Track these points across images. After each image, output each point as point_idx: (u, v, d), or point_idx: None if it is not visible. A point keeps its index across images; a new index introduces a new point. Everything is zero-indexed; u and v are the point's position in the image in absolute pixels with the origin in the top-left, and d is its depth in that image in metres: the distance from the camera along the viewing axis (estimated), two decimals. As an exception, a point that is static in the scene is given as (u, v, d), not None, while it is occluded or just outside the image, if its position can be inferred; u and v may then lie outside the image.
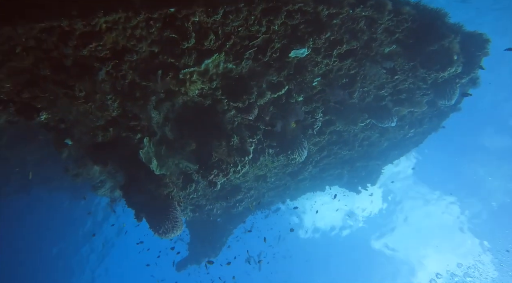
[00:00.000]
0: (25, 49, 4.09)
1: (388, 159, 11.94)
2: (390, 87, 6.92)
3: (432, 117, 9.27)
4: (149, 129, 5.62)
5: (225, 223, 14.70)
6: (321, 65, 5.67)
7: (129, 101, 5.15)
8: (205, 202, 11.17)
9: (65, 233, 21.59)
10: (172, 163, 6.16)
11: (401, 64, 6.14)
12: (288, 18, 4.58)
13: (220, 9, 4.12)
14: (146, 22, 4.15)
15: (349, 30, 5.19)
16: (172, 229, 6.14)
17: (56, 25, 3.80)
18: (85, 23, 3.87)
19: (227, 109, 5.91)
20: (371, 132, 9.16)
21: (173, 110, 5.59)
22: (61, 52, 4.19)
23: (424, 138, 10.85)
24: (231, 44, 4.77)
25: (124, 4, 3.91)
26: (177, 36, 4.31)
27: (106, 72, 4.58)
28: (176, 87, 5.13)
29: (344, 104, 7.01)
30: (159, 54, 4.61)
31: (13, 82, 4.46)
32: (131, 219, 6.77)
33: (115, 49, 4.39)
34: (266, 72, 5.42)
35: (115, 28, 4.09)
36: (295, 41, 4.94)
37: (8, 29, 3.68)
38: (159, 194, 6.18)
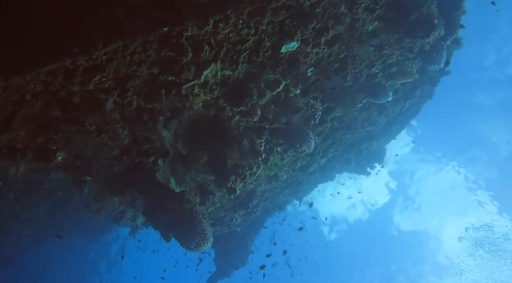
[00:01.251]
0: (34, 95, 4.24)
1: (390, 135, 12.17)
2: (380, 63, 7.13)
3: (424, 85, 9.50)
4: (162, 149, 5.76)
5: (246, 231, 14.79)
6: (311, 55, 5.87)
7: (139, 126, 5.30)
8: (223, 213, 11.27)
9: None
10: (189, 178, 6.30)
11: (387, 38, 6.36)
12: (274, 15, 4.77)
13: (210, 20, 4.30)
14: (143, 46, 4.32)
15: (332, 16, 5.40)
16: (203, 242, 6.26)
17: (60, 65, 3.96)
18: (87, 58, 4.03)
19: (232, 116, 6.08)
20: (369, 112, 9.36)
21: (181, 127, 5.75)
22: (68, 91, 4.35)
23: (420, 108, 11.08)
24: (225, 52, 4.95)
25: (120, 32, 4.08)
26: (174, 53, 4.48)
27: (113, 102, 4.73)
28: (180, 103, 5.30)
29: (340, 89, 7.21)
30: (159, 74, 4.77)
31: (26, 129, 4.60)
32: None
33: (118, 78, 4.54)
34: (262, 72, 5.61)
35: (115, 57, 4.26)
36: (284, 37, 5.14)
37: (18, 78, 3.83)
38: (183, 210, 6.30)
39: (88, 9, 4.22)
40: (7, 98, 4.10)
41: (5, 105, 4.20)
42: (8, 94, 4.03)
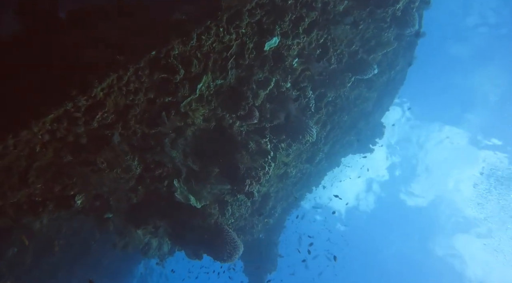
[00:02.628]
0: (43, 146, 4.33)
1: (383, 107, 12.36)
2: (358, 39, 7.33)
3: (404, 52, 9.72)
4: (175, 170, 5.85)
5: (268, 236, 14.79)
6: (293, 47, 6.03)
7: (148, 153, 5.40)
8: (243, 222, 11.32)
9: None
10: (206, 193, 6.38)
11: (359, 14, 6.56)
12: (250, 17, 4.93)
13: (193, 34, 4.44)
14: (136, 74, 4.44)
15: (303, 4, 5.58)
16: (235, 250, 6.33)
17: (63, 110, 4.07)
18: (86, 97, 4.15)
19: (232, 122, 6.20)
20: (359, 89, 9.54)
21: (187, 144, 5.85)
22: (74, 133, 4.45)
23: (405, 75, 11.30)
24: (212, 62, 5.09)
25: (111, 65, 4.21)
26: (166, 74, 4.61)
27: (119, 135, 4.84)
28: (182, 121, 5.42)
29: (327, 73, 7.38)
30: (156, 98, 4.89)
31: (42, 180, 4.68)
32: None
33: (118, 110, 4.66)
34: (251, 73, 5.75)
35: (112, 91, 4.37)
36: (264, 34, 5.30)
37: (26, 132, 3.93)
38: (208, 224, 6.38)
39: (75, 52, 4.36)
40: (19, 154, 4.20)
41: (18, 162, 4.29)
42: (19, 151, 4.13)
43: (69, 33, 4.75)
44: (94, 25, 4.94)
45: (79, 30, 4.84)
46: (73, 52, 4.50)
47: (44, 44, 4.72)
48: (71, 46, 4.54)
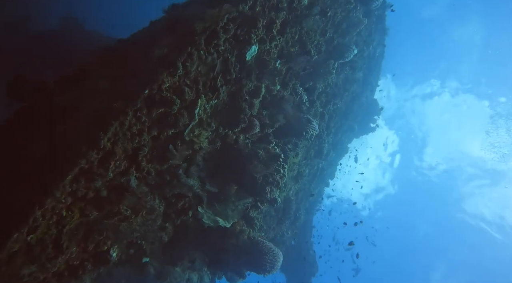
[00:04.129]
0: (68, 209, 4.42)
1: (372, 85, 12.55)
2: (330, 26, 7.53)
3: (376, 26, 9.95)
4: (196, 198, 5.92)
5: (300, 240, 14.73)
6: (273, 50, 6.20)
7: (166, 188, 5.48)
8: (273, 233, 11.30)
9: None
10: (230, 211, 6.44)
11: (324, 2, 6.77)
12: (225, 33, 5.10)
13: (178, 63, 4.60)
14: (135, 117, 4.57)
15: (270, 8, 5.77)
16: (275, 259, 6.35)
17: (78, 169, 4.17)
18: (96, 151, 4.26)
19: (236, 137, 6.31)
20: (344, 73, 9.72)
21: (201, 170, 5.94)
22: (93, 189, 4.54)
23: (384, 48, 11.51)
24: (202, 85, 5.23)
25: (110, 115, 4.34)
26: (163, 108, 4.74)
27: (135, 178, 4.93)
28: (189, 149, 5.52)
29: (311, 66, 7.54)
30: (160, 133, 5.01)
31: (76, 243, 4.74)
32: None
33: (128, 155, 4.76)
34: (241, 86, 5.90)
35: (118, 138, 4.49)
36: (243, 46, 5.46)
37: (50, 199, 4.02)
38: (242, 241, 6.41)
39: (73, 110, 4.51)
40: (48, 223, 4.27)
41: (49, 231, 4.36)
42: (47, 220, 4.21)
43: (62, 94, 4.90)
44: (82, 82, 5.11)
45: (70, 89, 5.00)
46: (70, 110, 4.65)
47: (42, 112, 4.87)
48: (67, 106, 4.68)
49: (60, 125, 4.67)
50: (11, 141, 4.85)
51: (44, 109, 5.02)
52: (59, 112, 4.81)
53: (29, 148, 4.62)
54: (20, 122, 5.01)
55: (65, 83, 5.20)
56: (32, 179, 4.29)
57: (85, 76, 5.19)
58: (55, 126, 4.69)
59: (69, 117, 4.68)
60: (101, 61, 5.39)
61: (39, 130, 4.79)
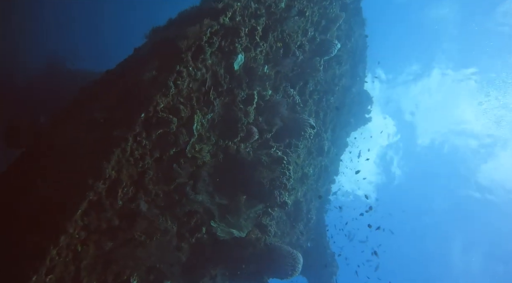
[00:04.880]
0: (83, 243, 4.41)
1: (360, 76, 12.66)
2: (310, 25, 7.64)
3: (354, 19, 10.10)
4: (207, 213, 5.92)
5: (316, 241, 14.63)
6: (259, 56, 6.28)
7: (176, 208, 5.48)
8: (288, 238, 11.25)
9: None
10: (244, 220, 6.43)
11: (300, 2, 6.89)
12: (210, 46, 5.18)
13: (169, 83, 4.65)
14: (135, 141, 4.60)
15: (250, 16, 5.86)
16: (295, 261, 6.34)
17: (87, 202, 4.18)
18: (102, 180, 4.27)
19: (237, 147, 6.34)
20: (332, 68, 9.82)
21: (207, 184, 5.95)
22: (105, 219, 4.54)
23: (366, 38, 11.67)
24: (196, 101, 5.28)
25: (111, 144, 4.37)
26: (162, 128, 4.77)
27: (145, 202, 4.94)
28: (193, 166, 5.54)
29: (298, 66, 7.63)
30: (162, 154, 5.03)
31: (95, 276, 4.71)
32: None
33: (134, 181, 4.78)
34: (233, 96, 5.95)
35: (122, 165, 4.51)
36: (229, 56, 5.54)
37: (63, 236, 4.02)
38: (260, 249, 6.38)
39: (75, 145, 4.53)
40: (65, 261, 4.26)
41: (67, 268, 4.34)
42: (63, 258, 4.20)
43: (59, 133, 4.94)
44: (78, 118, 5.15)
45: (67, 127, 5.03)
46: (71, 147, 4.67)
47: (43, 154, 4.89)
48: (67, 143, 4.71)
49: (62, 163, 4.69)
50: (15, 186, 4.85)
51: (44, 150, 5.04)
52: (59, 151, 4.83)
53: (34, 190, 4.63)
54: (22, 168, 5.02)
55: (61, 122, 5.24)
56: (42, 220, 4.29)
57: (79, 111, 5.23)
58: (57, 164, 4.71)
59: (70, 154, 4.71)
60: (92, 94, 5.43)
61: (42, 172, 4.80)
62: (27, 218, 4.37)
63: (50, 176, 4.60)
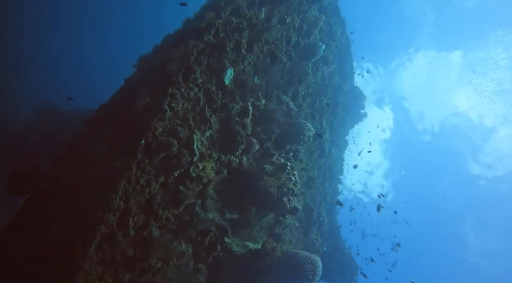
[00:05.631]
0: (100, 278, 4.38)
1: (349, 73, 12.76)
2: (292, 31, 7.76)
3: (334, 19, 10.26)
4: (219, 230, 5.90)
5: (332, 246, 14.50)
6: (247, 68, 6.37)
7: (188, 229, 5.46)
8: (304, 245, 11.16)
9: None
10: (257, 231, 6.41)
11: (279, 11, 7.02)
12: (198, 65, 5.25)
13: (164, 106, 4.70)
14: (139, 168, 4.61)
15: (233, 30, 5.96)
16: (315, 265, 6.29)
17: (99, 236, 4.17)
18: (112, 212, 4.27)
19: (240, 160, 6.36)
20: (320, 70, 9.92)
21: (216, 201, 5.94)
22: (119, 251, 4.52)
23: (348, 37, 11.81)
24: (193, 120, 5.33)
25: (116, 174, 4.39)
26: (164, 152, 4.80)
27: (156, 228, 4.93)
28: (199, 185, 5.55)
29: (287, 73, 7.72)
30: (167, 178, 5.04)
31: (118, 310, 4.66)
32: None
33: (143, 208, 4.78)
34: (229, 111, 6.01)
35: (129, 195, 4.52)
36: (219, 72, 5.61)
37: (81, 274, 4.00)
38: (277, 258, 6.34)
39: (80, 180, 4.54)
40: (85, 299, 4.22)
41: (88, 306, 4.30)
42: (83, 296, 4.16)
43: (63, 172, 4.95)
44: (79, 155, 5.17)
45: (69, 165, 5.06)
46: (76, 184, 4.69)
47: (49, 195, 4.90)
48: (71, 181, 4.72)
49: (70, 202, 4.69)
50: (27, 231, 4.84)
51: (50, 192, 5.04)
52: (65, 190, 4.84)
53: (47, 232, 4.62)
54: (30, 212, 5.02)
55: (63, 162, 5.26)
56: (57, 260, 4.27)
57: (79, 148, 5.25)
58: (65, 204, 4.71)
59: (76, 191, 4.71)
60: (90, 130, 5.47)
61: (51, 214, 4.79)
62: (42, 260, 4.35)
63: (59, 216, 4.60)
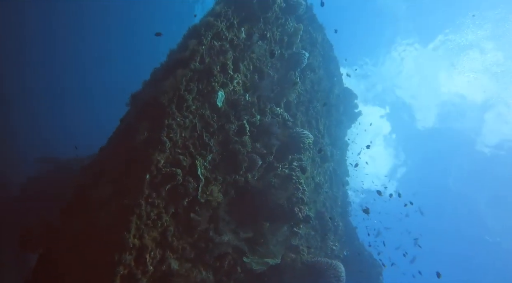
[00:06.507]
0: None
1: (336, 75, 12.94)
2: (275, 45, 7.93)
3: (312, 26, 10.48)
4: (237, 251, 5.88)
5: (352, 250, 14.37)
6: (237, 88, 6.47)
7: (205, 255, 5.45)
8: (322, 252, 11.07)
9: None
10: (273, 246, 6.38)
11: (259, 28, 7.19)
12: (190, 93, 5.35)
13: (163, 138, 4.77)
14: (147, 203, 4.65)
15: (217, 53, 6.10)
16: (337, 271, 6.26)
17: (119, 278, 4.17)
18: (128, 252, 4.28)
19: (245, 178, 6.40)
20: (308, 77, 10.07)
21: (228, 222, 5.94)
22: (142, 288, 4.50)
23: (328, 41, 12.05)
24: (193, 147, 5.39)
25: (126, 213, 4.42)
26: (169, 183, 4.84)
27: (175, 261, 4.92)
28: (209, 209, 5.57)
29: (277, 85, 7.84)
30: (177, 208, 5.07)
31: None
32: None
33: (158, 242, 4.78)
34: (226, 132, 6.09)
35: (142, 231, 4.53)
36: (210, 96, 5.71)
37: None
38: (299, 269, 6.30)
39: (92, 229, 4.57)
40: None
41: None
42: None
43: (71, 222, 4.98)
44: (86, 202, 5.21)
45: (77, 215, 5.08)
46: (88, 231, 4.70)
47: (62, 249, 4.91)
48: (82, 229, 4.75)
49: (85, 249, 4.69)
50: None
51: (63, 243, 5.05)
52: (78, 238, 4.85)
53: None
54: (47, 267, 5.01)
55: (71, 211, 5.29)
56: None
57: (85, 195, 5.28)
58: (81, 252, 4.71)
59: (90, 237, 4.72)
60: (93, 175, 5.51)
61: (67, 265, 4.79)
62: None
63: (77, 265, 4.60)
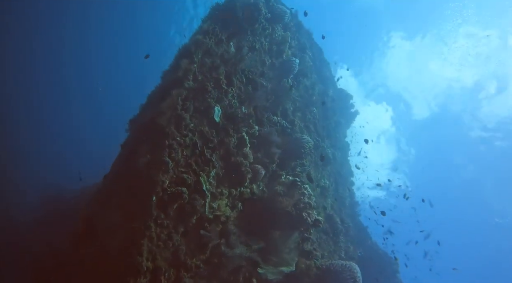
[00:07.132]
0: None
1: (329, 77, 13.08)
2: (265, 55, 8.06)
3: (300, 33, 10.66)
4: (250, 263, 5.88)
5: (365, 250, 14.28)
6: (232, 101, 6.57)
7: (220, 270, 5.46)
8: (337, 255, 11.01)
9: None
10: (286, 254, 6.38)
11: (247, 40, 7.33)
12: (186, 111, 5.44)
13: (165, 159, 4.84)
14: (156, 224, 4.69)
15: (209, 70, 6.22)
16: (353, 273, 6.24)
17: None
18: (143, 275, 4.30)
19: (251, 190, 6.44)
20: (302, 83, 10.18)
21: (239, 235, 5.96)
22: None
23: (316, 45, 12.21)
24: (195, 164, 5.45)
25: (136, 236, 4.46)
26: (176, 202, 4.89)
27: (190, 278, 4.93)
28: (219, 224, 5.60)
29: (272, 94, 7.94)
30: (186, 226, 5.10)
31: None
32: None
33: (172, 263, 4.80)
34: (227, 145, 6.15)
35: (154, 253, 4.56)
36: (206, 115, 5.82)
37: None
38: (314, 275, 6.28)
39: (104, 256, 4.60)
40: None
41: None
42: None
43: (83, 248, 5.01)
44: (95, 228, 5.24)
45: (88, 242, 5.12)
46: (100, 257, 4.73)
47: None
48: (95, 255, 4.77)
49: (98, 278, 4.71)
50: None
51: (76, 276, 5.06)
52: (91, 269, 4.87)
53: None
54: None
55: (82, 242, 5.31)
56: None
57: (94, 224, 5.32)
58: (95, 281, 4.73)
59: (103, 266, 4.74)
60: (99, 202, 5.56)
61: None
62: None
63: None
